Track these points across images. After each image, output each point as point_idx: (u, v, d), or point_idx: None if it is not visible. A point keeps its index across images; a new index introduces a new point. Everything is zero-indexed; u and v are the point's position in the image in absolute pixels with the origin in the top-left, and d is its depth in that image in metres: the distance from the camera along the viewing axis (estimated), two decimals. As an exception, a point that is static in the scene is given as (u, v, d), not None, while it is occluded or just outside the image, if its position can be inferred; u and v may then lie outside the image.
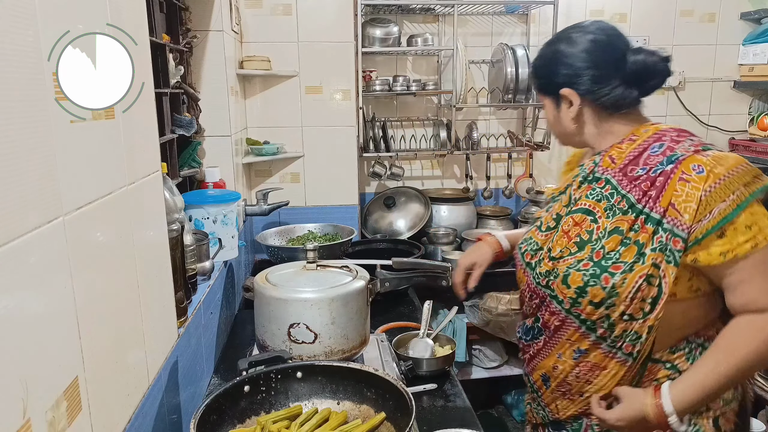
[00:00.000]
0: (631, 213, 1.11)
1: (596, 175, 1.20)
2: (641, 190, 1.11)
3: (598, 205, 1.16)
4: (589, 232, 1.15)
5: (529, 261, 1.27)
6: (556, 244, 1.20)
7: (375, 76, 2.82)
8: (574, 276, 1.13)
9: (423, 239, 2.81)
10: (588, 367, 1.17)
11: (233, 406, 1.07)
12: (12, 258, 0.61)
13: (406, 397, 1.02)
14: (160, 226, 1.17)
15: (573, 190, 1.24)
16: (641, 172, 1.12)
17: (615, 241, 1.11)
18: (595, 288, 1.10)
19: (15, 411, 0.60)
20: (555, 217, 1.25)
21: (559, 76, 1.20)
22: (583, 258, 1.14)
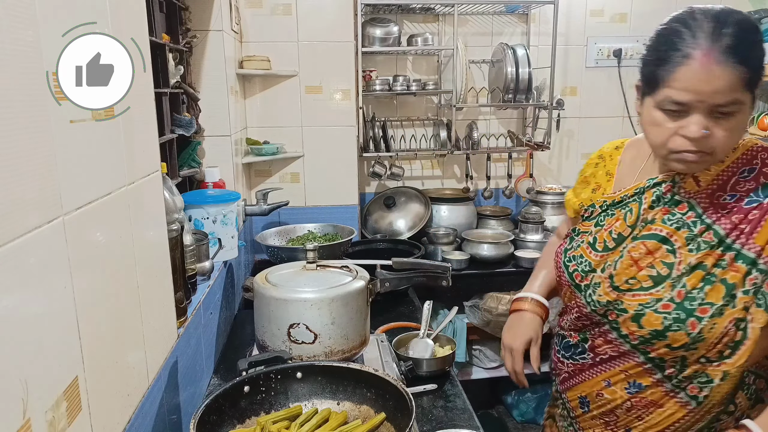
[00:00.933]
0: (719, 248, 0.99)
1: (676, 198, 1.04)
2: (730, 221, 0.98)
3: (677, 233, 1.02)
4: (668, 265, 1.02)
5: (579, 283, 1.14)
6: (621, 272, 1.06)
7: (375, 76, 2.82)
8: (650, 317, 1.01)
9: (423, 239, 2.81)
10: (643, 403, 1.07)
11: (233, 407, 1.07)
12: (12, 258, 0.61)
13: (406, 397, 1.02)
14: (160, 226, 1.16)
15: (644, 210, 1.08)
16: (729, 200, 0.99)
17: (697, 277, 0.99)
18: (677, 333, 0.99)
19: (15, 411, 0.60)
20: (616, 237, 1.10)
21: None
22: (662, 297, 1.01)
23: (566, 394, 1.22)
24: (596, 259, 1.12)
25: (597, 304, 1.10)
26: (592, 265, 1.12)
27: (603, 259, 1.11)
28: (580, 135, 3.13)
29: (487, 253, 2.66)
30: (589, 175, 1.25)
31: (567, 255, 1.19)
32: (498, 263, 2.67)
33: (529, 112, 3.07)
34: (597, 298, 1.09)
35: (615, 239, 1.10)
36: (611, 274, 1.08)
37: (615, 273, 1.07)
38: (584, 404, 1.18)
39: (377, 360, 1.46)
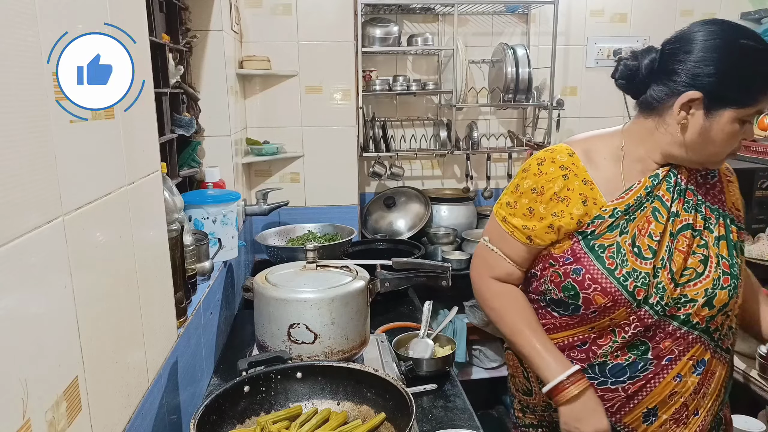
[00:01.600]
0: (722, 218, 1.16)
1: (682, 187, 1.15)
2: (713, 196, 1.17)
3: (696, 218, 1.14)
4: (703, 247, 1.14)
5: (640, 297, 1.09)
6: (677, 268, 1.11)
7: (375, 76, 2.82)
8: (720, 295, 1.12)
9: (423, 239, 2.81)
10: (707, 378, 1.15)
11: (233, 407, 1.07)
12: (12, 258, 0.61)
13: (406, 397, 1.02)
14: (160, 226, 1.16)
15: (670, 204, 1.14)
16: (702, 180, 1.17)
17: (724, 247, 1.14)
18: (734, 299, 1.14)
19: (15, 411, 0.60)
20: (658, 238, 1.11)
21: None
22: (719, 275, 1.12)
23: (625, 418, 1.15)
24: (648, 268, 1.10)
25: (665, 308, 1.11)
26: (649, 275, 1.09)
27: (653, 263, 1.10)
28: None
29: (487, 253, 2.66)
30: (560, 190, 1.13)
31: (616, 275, 1.09)
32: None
33: (529, 112, 3.07)
34: (666, 302, 1.10)
35: (657, 241, 1.11)
36: (670, 272, 1.11)
37: (675, 271, 1.11)
38: (651, 416, 1.14)
39: (377, 360, 1.46)
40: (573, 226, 1.13)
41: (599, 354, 1.14)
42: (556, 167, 1.15)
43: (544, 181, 1.15)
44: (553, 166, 1.15)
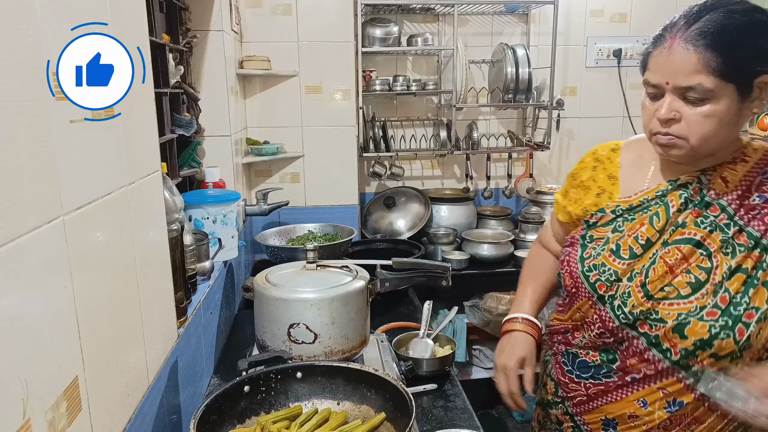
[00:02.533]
0: (756, 249, 0.97)
1: (706, 200, 1.02)
2: (764, 223, 0.98)
3: (711, 237, 1.00)
4: (705, 270, 0.99)
5: (603, 294, 1.07)
6: (655, 280, 1.02)
7: (375, 76, 2.82)
8: (695, 326, 0.97)
9: (423, 239, 2.81)
10: (685, 422, 1.03)
11: (233, 407, 1.07)
12: (12, 258, 0.61)
13: (406, 397, 1.02)
14: (160, 226, 1.16)
15: (672, 213, 1.04)
16: (758, 201, 0.99)
17: (739, 281, 0.97)
18: (725, 341, 0.96)
19: (15, 411, 0.60)
20: (644, 243, 1.05)
21: (762, 56, 0.93)
22: (706, 304, 0.97)
23: (583, 417, 1.15)
24: (622, 268, 1.05)
25: (628, 316, 1.03)
26: (618, 274, 1.05)
27: (630, 266, 1.05)
28: (580, 135, 3.13)
29: (487, 253, 2.66)
30: (587, 179, 1.18)
31: (585, 264, 1.10)
32: (498, 263, 2.67)
33: (529, 112, 3.07)
34: (629, 309, 1.03)
35: (642, 245, 1.04)
36: (643, 282, 1.02)
37: (648, 281, 1.02)
38: (609, 426, 1.12)
39: (377, 360, 1.46)
40: (579, 213, 1.17)
41: (573, 344, 1.17)
42: (593, 158, 1.21)
43: (580, 168, 1.22)
44: (591, 156, 1.21)
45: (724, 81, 0.91)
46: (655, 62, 0.97)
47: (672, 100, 0.95)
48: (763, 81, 0.93)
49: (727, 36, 0.90)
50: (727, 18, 0.92)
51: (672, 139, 0.97)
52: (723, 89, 0.91)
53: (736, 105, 0.93)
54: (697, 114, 0.93)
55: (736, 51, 0.90)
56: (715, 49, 0.90)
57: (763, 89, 0.94)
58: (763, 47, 0.93)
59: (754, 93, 0.94)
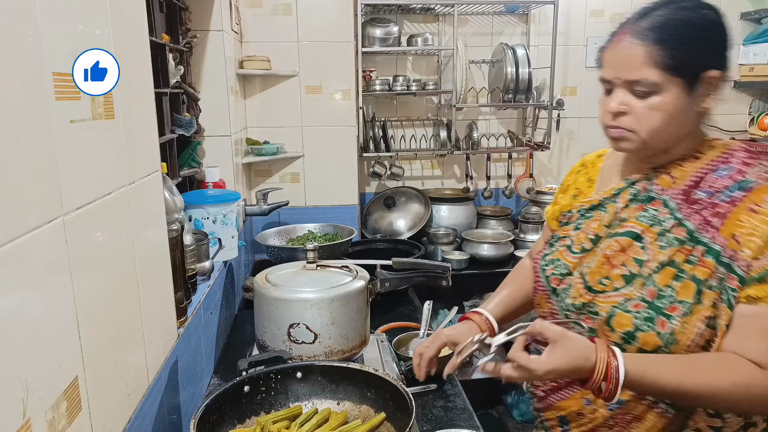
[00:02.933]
0: (690, 243, 0.96)
1: (651, 195, 1.03)
2: (701, 216, 0.96)
3: (650, 230, 1.00)
4: (639, 262, 0.99)
5: (556, 287, 1.10)
6: (594, 271, 1.04)
7: (375, 76, 2.82)
8: (620, 317, 0.97)
9: (423, 239, 2.81)
10: (626, 419, 1.02)
11: (233, 407, 1.07)
12: (12, 258, 0.61)
13: (406, 397, 1.02)
14: (160, 226, 1.16)
15: (620, 209, 1.06)
16: (703, 196, 0.97)
17: (668, 274, 0.96)
18: (647, 334, 0.95)
19: (15, 411, 0.60)
20: (593, 237, 1.07)
21: (708, 51, 0.95)
22: (633, 296, 0.97)
23: (544, 413, 1.16)
24: (573, 262, 1.08)
25: (571, 308, 1.05)
26: (569, 268, 1.08)
27: (580, 261, 1.07)
28: (580, 135, 3.13)
29: (487, 253, 2.66)
30: (570, 183, 1.22)
31: (545, 259, 1.15)
32: (498, 263, 2.67)
33: (529, 112, 3.07)
34: (571, 301, 1.05)
35: (592, 240, 1.07)
36: (583, 273, 1.05)
37: (588, 272, 1.04)
38: (564, 424, 1.11)
39: (377, 360, 1.46)
40: (557, 216, 1.21)
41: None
42: (580, 164, 1.24)
43: (568, 175, 1.26)
44: (580, 163, 1.25)
45: (670, 74, 0.93)
46: (606, 58, 1.00)
47: (621, 94, 0.97)
48: (711, 76, 0.94)
49: (673, 30, 0.93)
50: (674, 13, 0.94)
51: (622, 132, 0.99)
52: (670, 83, 0.93)
53: (683, 99, 0.94)
54: (644, 107, 0.95)
55: (681, 45, 0.92)
56: (660, 43, 0.92)
57: (712, 84, 0.95)
58: (710, 42, 0.95)
59: (702, 88, 0.95)
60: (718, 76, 0.95)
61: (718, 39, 0.96)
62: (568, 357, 0.91)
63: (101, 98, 0.86)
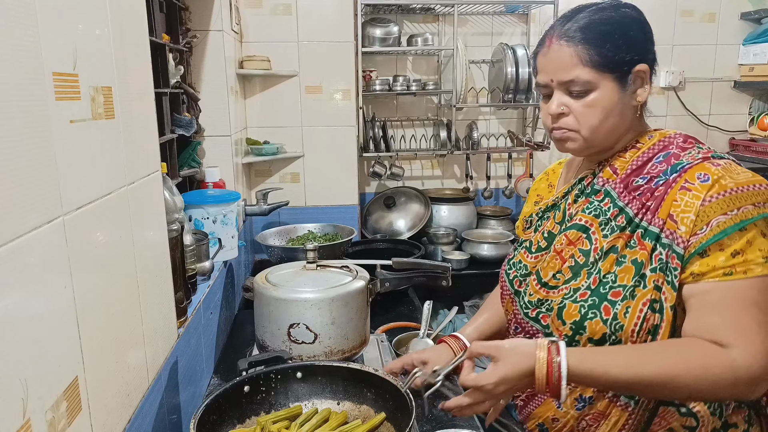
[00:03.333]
0: (629, 228, 0.97)
1: (595, 188, 1.06)
2: (640, 202, 0.98)
3: (595, 220, 1.02)
4: (585, 253, 1.01)
5: (518, 288, 1.12)
6: (547, 266, 1.06)
7: (375, 76, 2.82)
8: (569, 308, 0.99)
9: (423, 239, 2.81)
10: (593, 417, 1.01)
11: (233, 407, 1.07)
12: (12, 258, 0.61)
13: (406, 397, 1.02)
14: (160, 226, 1.16)
15: (568, 205, 1.10)
16: (641, 182, 0.99)
17: (610, 261, 0.97)
18: (593, 321, 0.95)
19: (15, 411, 0.60)
20: (546, 235, 1.11)
21: (633, 46, 0.98)
22: (580, 286, 0.99)
23: (527, 423, 1.14)
24: (532, 262, 1.11)
25: (528, 306, 1.06)
26: (528, 268, 1.12)
27: (537, 260, 1.11)
28: (580, 135, 3.13)
29: (487, 253, 2.66)
30: (533, 190, 1.28)
31: (509, 263, 1.19)
32: (498, 263, 2.63)
33: (529, 112, 3.07)
34: (528, 299, 1.07)
35: (546, 238, 1.11)
36: (537, 270, 1.08)
37: (541, 268, 1.07)
38: (543, 431, 1.10)
39: (377, 360, 1.46)
40: (518, 225, 1.27)
41: None
42: (543, 173, 1.31)
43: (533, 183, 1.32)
44: (544, 172, 1.31)
45: (600, 72, 0.97)
46: (540, 64, 1.04)
47: (559, 96, 1.01)
48: (640, 69, 0.99)
49: (596, 29, 0.98)
50: (596, 14, 1.00)
51: (565, 133, 1.03)
52: (601, 79, 0.97)
53: (617, 94, 0.99)
54: (581, 105, 0.99)
55: (607, 42, 0.97)
56: (586, 42, 0.97)
57: (642, 77, 1.00)
58: (633, 37, 0.99)
59: (633, 81, 0.99)
60: (645, 70, 0.99)
61: (640, 34, 1.00)
62: (509, 363, 0.91)
63: (101, 98, 0.86)
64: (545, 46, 1.03)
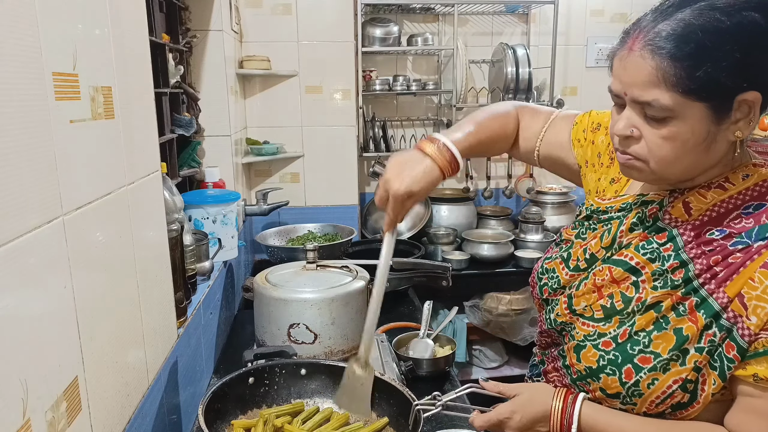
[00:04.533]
0: (682, 288, 0.81)
1: (658, 224, 0.87)
2: (708, 261, 0.80)
3: (649, 265, 0.85)
4: (625, 300, 0.86)
5: (546, 298, 1.02)
6: (581, 295, 0.93)
7: (375, 76, 2.82)
8: (588, 351, 0.88)
9: (423, 239, 2.81)
10: None
11: (236, 397, 1.08)
12: (12, 258, 0.61)
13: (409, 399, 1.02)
14: (160, 226, 1.16)
15: (621, 231, 0.91)
16: (717, 236, 0.80)
17: (648, 319, 0.83)
18: (610, 378, 0.85)
19: (15, 411, 0.60)
20: (588, 257, 0.95)
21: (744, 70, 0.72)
22: (606, 332, 0.87)
23: None
24: (566, 278, 0.98)
25: (554, 323, 0.98)
26: (561, 283, 0.99)
27: (572, 279, 0.97)
28: (580, 135, 3.13)
29: (487, 253, 2.66)
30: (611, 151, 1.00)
31: (544, 266, 1.04)
32: (498, 263, 2.67)
33: (529, 112, 3.07)
34: (554, 317, 0.98)
35: (587, 260, 0.95)
36: (571, 294, 0.95)
37: (575, 294, 0.94)
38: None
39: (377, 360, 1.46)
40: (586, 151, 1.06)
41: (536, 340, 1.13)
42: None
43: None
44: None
45: (688, 98, 0.73)
46: (615, 68, 0.82)
47: (631, 114, 0.80)
48: (748, 99, 0.73)
49: (697, 42, 0.71)
50: (703, 17, 0.71)
51: (630, 160, 0.82)
52: (688, 108, 0.73)
53: (707, 126, 0.75)
54: (655, 135, 0.77)
55: (705, 62, 0.71)
56: (676, 59, 0.72)
57: (750, 108, 0.74)
58: (747, 57, 0.71)
59: (734, 113, 0.74)
60: (755, 100, 0.73)
61: (763, 53, 0.72)
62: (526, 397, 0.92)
63: (101, 98, 0.86)
64: (626, 48, 0.78)
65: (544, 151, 1.11)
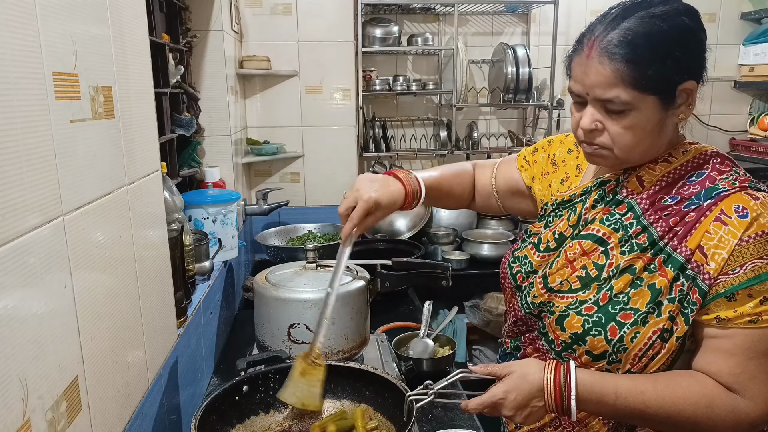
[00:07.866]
0: (650, 250, 0.92)
1: (617, 197, 0.99)
2: (667, 224, 0.92)
3: (614, 234, 0.96)
4: (598, 267, 0.96)
5: (520, 284, 1.08)
6: (555, 272, 1.01)
7: (375, 76, 2.82)
8: (572, 319, 0.96)
9: (423, 239, 2.81)
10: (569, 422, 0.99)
11: (232, 407, 1.07)
12: (12, 258, 0.61)
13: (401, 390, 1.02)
14: (160, 226, 1.16)
15: (585, 209, 1.03)
16: (670, 202, 0.93)
17: (624, 281, 0.93)
18: (596, 339, 0.93)
19: (15, 411, 0.60)
20: (557, 237, 1.05)
21: (683, 65, 0.88)
22: (587, 299, 0.95)
23: None
24: (538, 260, 1.06)
25: (531, 306, 1.04)
26: (533, 266, 1.06)
27: (544, 260, 1.05)
28: (580, 135, 3.13)
29: (487, 253, 2.66)
30: (559, 157, 1.16)
31: (513, 255, 1.13)
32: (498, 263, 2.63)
33: (529, 112, 3.07)
34: (531, 300, 1.04)
35: (557, 239, 1.05)
36: (545, 273, 1.03)
37: (549, 272, 1.02)
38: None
39: (377, 360, 1.46)
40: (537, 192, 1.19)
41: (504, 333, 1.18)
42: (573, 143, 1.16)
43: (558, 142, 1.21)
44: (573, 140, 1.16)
45: (642, 93, 0.87)
46: (575, 71, 0.95)
47: (593, 111, 0.93)
48: (687, 87, 0.89)
49: (644, 46, 0.86)
50: (645, 25, 0.86)
51: (597, 149, 0.95)
52: (642, 101, 0.88)
53: (658, 114, 0.90)
54: (617, 126, 0.91)
55: (654, 62, 0.86)
56: (630, 62, 0.86)
57: (689, 95, 0.90)
58: (685, 55, 0.88)
59: (678, 100, 0.90)
60: (693, 88, 0.90)
61: (694, 49, 0.90)
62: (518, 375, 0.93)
63: (101, 98, 0.86)
64: (583, 54, 0.92)
65: (499, 185, 1.27)
